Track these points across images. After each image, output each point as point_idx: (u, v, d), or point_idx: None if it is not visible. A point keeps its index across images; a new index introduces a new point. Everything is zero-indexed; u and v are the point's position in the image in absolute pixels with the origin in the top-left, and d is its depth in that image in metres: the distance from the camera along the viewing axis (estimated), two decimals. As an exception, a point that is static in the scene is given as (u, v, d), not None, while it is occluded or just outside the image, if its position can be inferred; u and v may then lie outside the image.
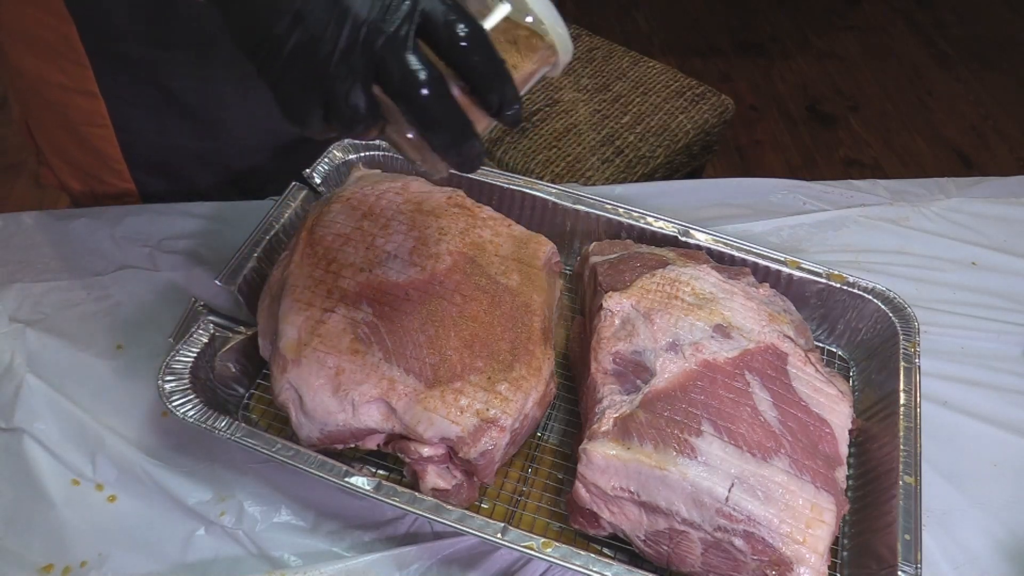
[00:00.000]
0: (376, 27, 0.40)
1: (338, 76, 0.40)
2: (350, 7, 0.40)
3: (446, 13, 0.41)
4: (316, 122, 0.42)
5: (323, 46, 0.40)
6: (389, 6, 0.40)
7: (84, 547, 0.61)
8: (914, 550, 0.58)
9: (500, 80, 0.43)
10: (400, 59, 0.40)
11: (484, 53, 0.42)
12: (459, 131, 0.42)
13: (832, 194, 0.95)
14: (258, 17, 0.41)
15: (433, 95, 0.41)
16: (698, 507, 0.57)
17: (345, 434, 0.61)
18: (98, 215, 0.83)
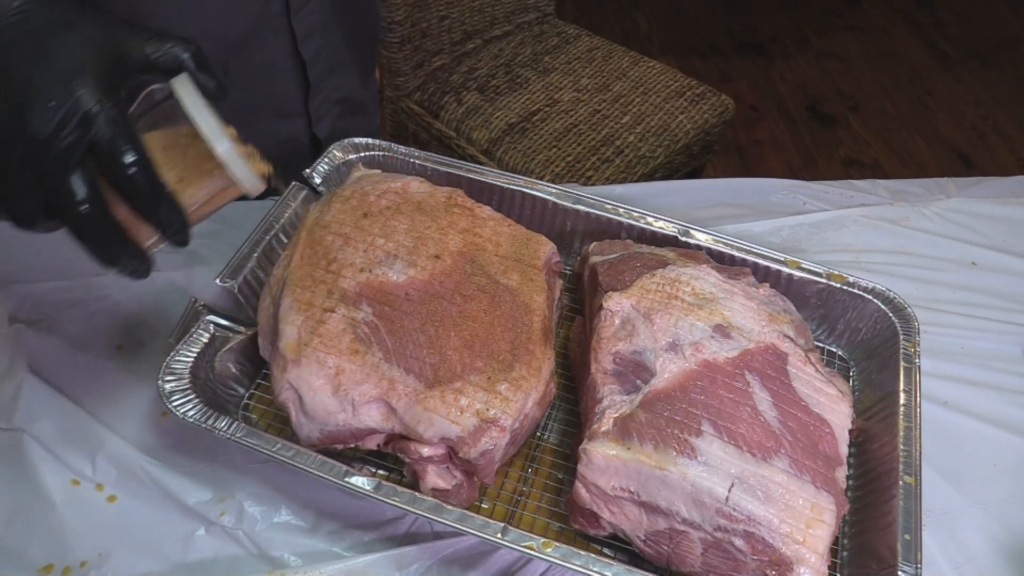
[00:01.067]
0: (45, 145, 0.43)
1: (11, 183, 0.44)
2: (28, 122, 0.43)
3: (113, 141, 0.44)
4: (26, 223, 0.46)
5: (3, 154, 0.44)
6: (63, 127, 0.44)
7: (84, 547, 0.61)
8: (914, 550, 0.58)
9: (161, 206, 0.47)
10: (60, 178, 0.44)
11: (147, 181, 0.46)
12: (109, 249, 0.46)
13: (832, 194, 0.95)
14: None
15: (88, 216, 0.45)
16: (698, 507, 0.57)
17: (345, 434, 0.61)
18: (98, 215, 0.83)
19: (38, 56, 0.45)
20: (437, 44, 1.58)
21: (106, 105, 0.44)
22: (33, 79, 0.44)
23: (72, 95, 0.44)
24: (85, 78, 0.45)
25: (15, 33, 0.45)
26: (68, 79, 0.44)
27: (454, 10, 1.57)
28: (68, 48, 0.46)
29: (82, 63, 0.45)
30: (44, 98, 0.44)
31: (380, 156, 0.81)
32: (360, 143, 0.80)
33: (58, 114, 0.44)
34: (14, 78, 0.44)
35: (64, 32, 0.46)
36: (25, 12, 0.45)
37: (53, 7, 0.46)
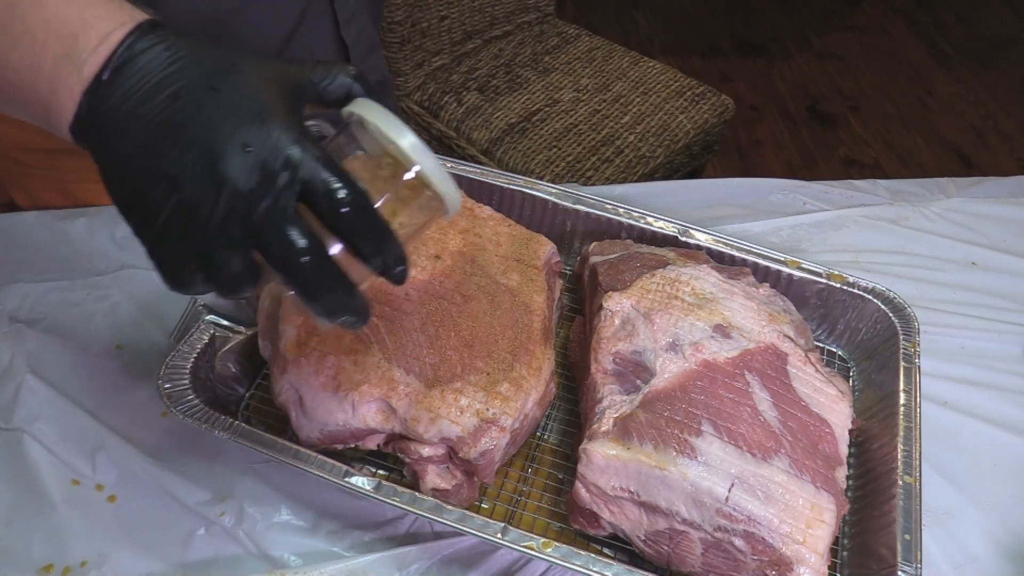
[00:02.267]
0: (254, 197, 0.38)
1: (216, 245, 0.39)
2: (227, 175, 0.38)
3: (326, 181, 0.39)
4: (197, 286, 0.41)
5: (200, 213, 0.38)
6: (268, 176, 0.38)
7: (84, 547, 0.61)
8: (914, 550, 0.58)
9: (384, 244, 0.42)
10: (278, 230, 0.39)
11: (367, 219, 0.41)
12: (338, 300, 0.41)
13: (832, 194, 0.95)
14: (133, 178, 0.39)
15: (311, 266, 0.40)
16: (698, 507, 0.57)
17: (345, 434, 0.61)
18: (98, 215, 0.83)
19: (216, 102, 0.39)
20: (437, 44, 1.58)
21: (306, 143, 0.39)
22: (219, 126, 0.38)
23: (269, 137, 0.39)
24: (275, 117, 0.39)
25: (179, 82, 0.39)
26: (260, 119, 0.39)
27: (454, 10, 1.57)
28: (245, 88, 0.40)
29: (266, 102, 0.40)
30: (238, 144, 0.38)
31: (380, 156, 0.81)
32: (360, 143, 0.80)
33: (259, 160, 0.38)
34: (194, 129, 0.38)
35: (233, 73, 0.40)
36: (180, 60, 0.40)
37: (206, 50, 0.41)
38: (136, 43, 0.40)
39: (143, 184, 0.39)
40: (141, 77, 0.39)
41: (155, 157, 0.39)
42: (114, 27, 0.40)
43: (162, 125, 0.39)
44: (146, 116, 0.39)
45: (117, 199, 0.41)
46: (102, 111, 0.39)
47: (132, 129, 0.39)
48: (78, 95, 0.40)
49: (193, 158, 0.38)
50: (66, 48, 0.40)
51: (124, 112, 0.39)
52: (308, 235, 0.39)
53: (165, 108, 0.39)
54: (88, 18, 0.40)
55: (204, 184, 0.38)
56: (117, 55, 0.39)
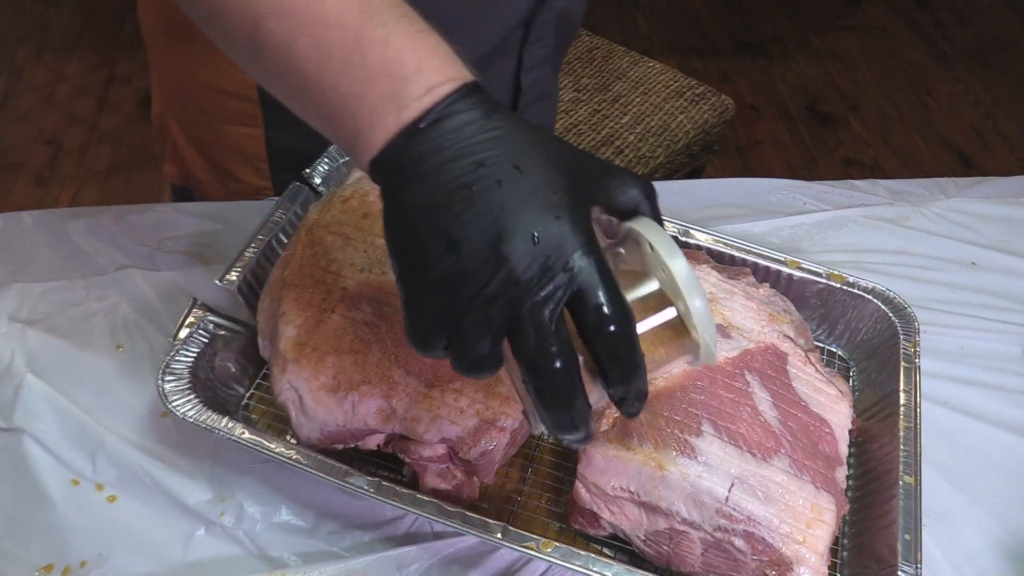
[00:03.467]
0: (528, 288, 0.38)
1: (473, 321, 0.39)
2: (508, 257, 0.38)
3: (599, 297, 0.38)
4: (438, 351, 0.41)
5: (469, 285, 0.38)
6: (546, 271, 0.38)
7: (84, 547, 0.61)
8: (914, 550, 0.58)
9: (633, 378, 0.40)
10: (540, 330, 0.38)
11: (626, 345, 0.39)
12: (572, 415, 0.40)
13: (832, 194, 0.95)
14: (416, 229, 0.40)
15: (560, 374, 0.39)
16: (698, 507, 0.57)
17: (345, 434, 0.61)
18: (98, 215, 0.83)
19: (517, 181, 0.39)
20: (437, 44, 1.58)
21: (592, 250, 0.39)
22: (514, 207, 0.38)
23: (559, 233, 0.38)
24: (570, 216, 0.39)
25: (490, 152, 0.39)
26: (555, 213, 0.38)
27: (454, 10, 1.57)
28: (548, 177, 0.39)
29: (564, 197, 0.39)
30: (528, 231, 0.38)
31: (380, 156, 0.81)
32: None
33: (544, 253, 0.38)
34: (489, 202, 0.38)
35: (540, 159, 0.40)
36: (493, 131, 0.40)
37: (519, 127, 0.41)
38: (457, 102, 0.40)
39: (424, 238, 0.39)
40: (453, 137, 0.40)
41: (444, 216, 0.39)
42: (442, 81, 0.41)
43: (459, 188, 0.39)
44: (447, 174, 0.39)
45: (394, 242, 0.41)
46: (408, 156, 0.40)
47: (429, 181, 0.39)
48: (391, 134, 0.41)
49: (480, 230, 0.38)
50: (394, 89, 0.41)
51: (428, 163, 0.40)
52: (566, 342, 0.39)
53: (467, 173, 0.39)
54: (422, 67, 0.41)
55: (483, 258, 0.38)
56: (438, 108, 0.40)
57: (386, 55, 0.41)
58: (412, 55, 0.41)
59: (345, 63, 0.41)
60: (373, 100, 0.41)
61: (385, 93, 0.41)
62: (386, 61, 0.41)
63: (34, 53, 2.43)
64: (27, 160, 2.10)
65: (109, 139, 2.19)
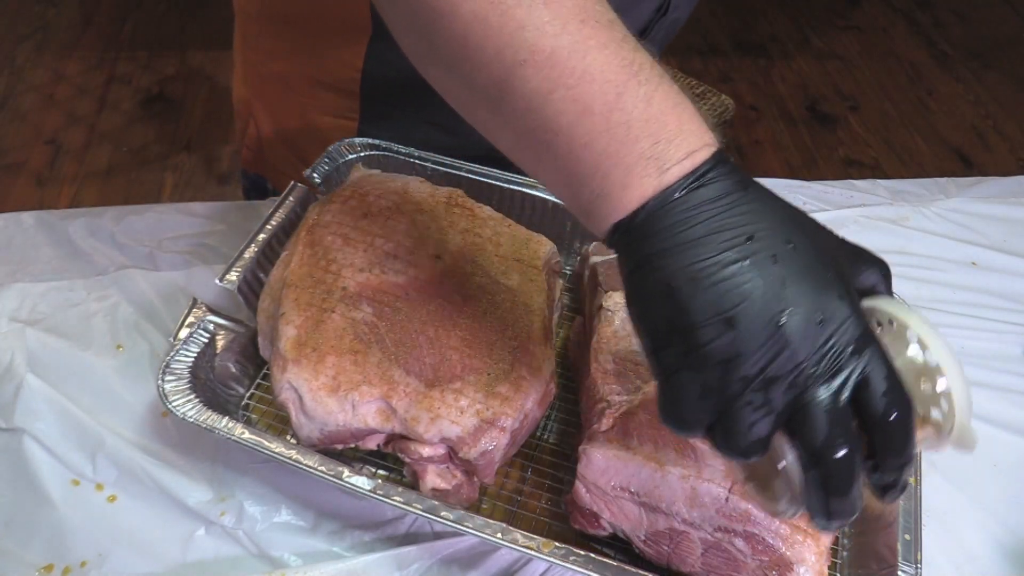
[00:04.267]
0: (813, 375, 0.36)
1: (749, 402, 0.37)
2: (791, 340, 0.36)
3: (885, 383, 0.37)
4: (698, 428, 0.39)
5: (746, 365, 0.36)
6: (835, 356, 0.36)
7: (84, 547, 0.61)
8: (914, 550, 0.58)
9: (904, 471, 0.39)
10: (826, 420, 0.36)
11: (905, 434, 0.38)
12: (846, 504, 0.38)
13: (832, 194, 0.95)
14: (681, 303, 0.37)
15: (843, 465, 0.37)
16: (698, 507, 0.57)
17: (345, 434, 0.61)
18: (98, 215, 0.83)
19: (792, 258, 0.37)
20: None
21: (873, 335, 0.37)
22: (796, 285, 0.36)
23: (844, 315, 0.36)
24: (848, 296, 0.37)
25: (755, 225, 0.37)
26: (839, 294, 0.37)
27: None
28: (819, 255, 0.38)
29: (837, 275, 0.37)
30: (811, 311, 0.36)
31: (380, 156, 0.81)
32: (360, 143, 0.80)
33: (829, 336, 0.36)
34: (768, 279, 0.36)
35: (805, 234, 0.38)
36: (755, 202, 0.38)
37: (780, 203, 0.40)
38: (713, 169, 0.39)
39: (693, 314, 0.37)
40: (715, 205, 0.38)
41: (716, 290, 0.36)
42: (699, 147, 0.39)
43: (731, 262, 0.37)
44: (712, 245, 0.37)
45: (648, 314, 0.39)
46: (662, 223, 0.38)
47: (693, 251, 0.37)
48: (646, 197, 0.39)
49: (761, 306, 0.36)
50: (655, 151, 0.39)
51: (689, 233, 0.38)
52: (851, 435, 0.37)
53: (737, 247, 0.37)
54: (683, 130, 0.39)
55: (762, 338, 0.36)
56: (696, 175, 0.38)
57: (649, 115, 0.39)
58: (674, 117, 0.40)
59: (605, 120, 0.39)
60: (631, 160, 0.39)
61: (645, 154, 0.39)
62: (648, 121, 0.39)
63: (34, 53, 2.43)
64: (27, 160, 2.10)
65: (109, 139, 2.19)
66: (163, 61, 2.44)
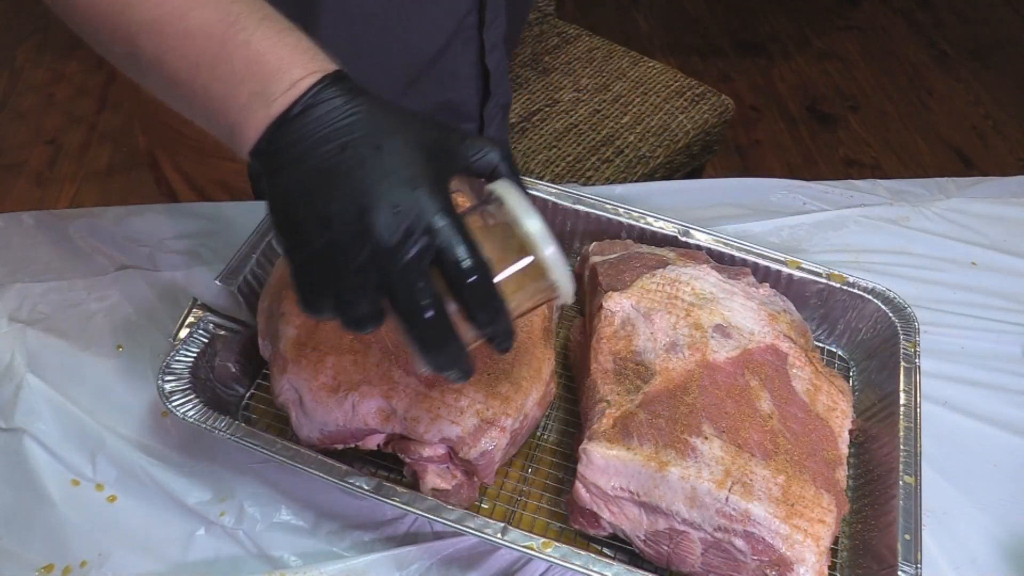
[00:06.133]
0: (393, 253, 0.42)
1: (350, 285, 0.43)
2: (373, 227, 0.42)
3: (458, 252, 0.43)
4: (326, 312, 0.45)
5: (343, 255, 0.43)
6: (409, 237, 0.42)
7: (84, 547, 0.61)
8: (914, 550, 0.58)
9: (497, 316, 0.45)
10: (409, 287, 0.43)
11: (486, 291, 0.44)
12: (448, 355, 0.45)
13: (832, 194, 0.95)
14: (293, 210, 0.44)
15: (432, 322, 0.43)
16: (698, 507, 0.57)
17: (345, 434, 0.61)
18: (98, 215, 0.83)
19: (377, 159, 0.43)
20: (437, 44, 1.58)
21: (447, 214, 0.43)
22: (375, 183, 0.43)
23: (417, 202, 0.43)
24: (426, 184, 0.43)
25: (351, 135, 0.44)
26: (412, 185, 0.43)
27: (454, 10, 1.57)
28: (404, 153, 0.44)
29: (420, 168, 0.44)
30: (389, 203, 0.42)
31: (380, 156, 0.81)
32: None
33: (404, 221, 0.42)
34: (354, 180, 0.43)
35: (397, 136, 0.45)
36: (354, 115, 0.44)
37: (379, 110, 0.45)
38: (320, 92, 0.44)
39: (300, 218, 0.44)
40: (317, 124, 0.44)
41: (314, 197, 0.43)
42: (304, 75, 0.45)
43: (326, 171, 0.43)
44: (314, 159, 0.44)
45: (276, 222, 0.46)
46: (278, 147, 0.45)
47: (299, 167, 0.44)
48: (262, 128, 0.45)
49: (347, 206, 0.42)
50: (261, 87, 0.45)
51: (296, 151, 0.44)
52: (433, 295, 0.43)
53: (332, 156, 0.43)
54: (284, 64, 0.45)
55: (352, 231, 0.42)
56: (302, 101, 0.44)
57: (249, 57, 0.45)
58: (274, 55, 0.45)
59: (213, 69, 0.46)
60: (243, 99, 0.45)
61: (253, 92, 0.45)
62: (249, 63, 0.45)
63: (34, 53, 2.43)
64: (27, 160, 2.10)
65: (109, 139, 2.19)
66: (163, 61, 2.44)
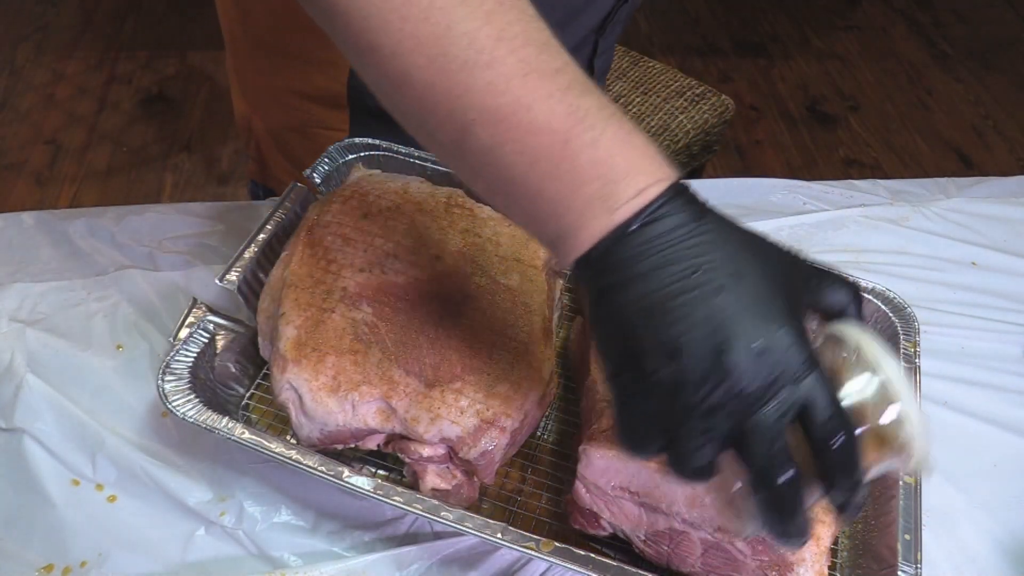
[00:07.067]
0: (754, 400, 0.38)
1: (695, 429, 0.39)
2: (731, 369, 0.38)
3: (827, 409, 0.39)
4: (649, 451, 0.42)
5: (690, 394, 0.38)
6: (775, 384, 0.38)
7: (84, 547, 0.61)
8: (914, 550, 0.58)
9: (854, 491, 0.41)
10: (770, 443, 0.38)
11: (850, 456, 0.40)
12: (795, 524, 0.40)
13: (832, 194, 0.95)
14: (632, 333, 0.40)
15: (787, 488, 0.39)
16: (698, 507, 0.57)
17: (345, 434, 0.61)
18: (98, 215, 0.83)
19: (738, 290, 0.39)
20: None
21: (816, 363, 0.39)
22: (739, 316, 0.38)
23: (784, 346, 0.38)
24: (792, 326, 0.39)
25: (704, 257, 0.39)
26: (777, 324, 0.38)
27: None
28: (767, 285, 0.40)
29: (783, 305, 0.39)
30: (749, 341, 0.38)
31: (380, 156, 0.81)
32: (360, 143, 0.80)
33: (769, 366, 0.38)
34: (711, 310, 0.38)
35: (756, 264, 0.40)
36: (706, 234, 0.40)
37: (733, 229, 0.41)
38: (667, 203, 0.40)
39: (643, 342, 0.39)
40: (666, 238, 0.40)
41: (662, 321, 0.39)
42: (651, 182, 0.40)
43: (677, 294, 0.39)
44: (662, 278, 0.39)
45: (607, 343, 0.42)
46: (618, 259, 0.40)
47: (644, 285, 0.39)
48: (600, 236, 0.40)
49: (703, 338, 0.38)
50: (605, 191, 0.40)
51: (640, 268, 0.40)
52: (791, 459, 0.39)
53: (684, 279, 0.39)
54: (632, 169, 0.41)
55: (706, 367, 0.38)
56: (648, 210, 0.40)
57: (596, 158, 0.40)
58: (622, 157, 0.41)
59: (554, 167, 0.41)
60: (582, 203, 0.41)
61: (595, 196, 0.40)
62: (596, 164, 0.40)
63: (34, 53, 2.43)
64: (27, 160, 2.10)
65: (109, 139, 2.19)
66: (163, 61, 2.44)
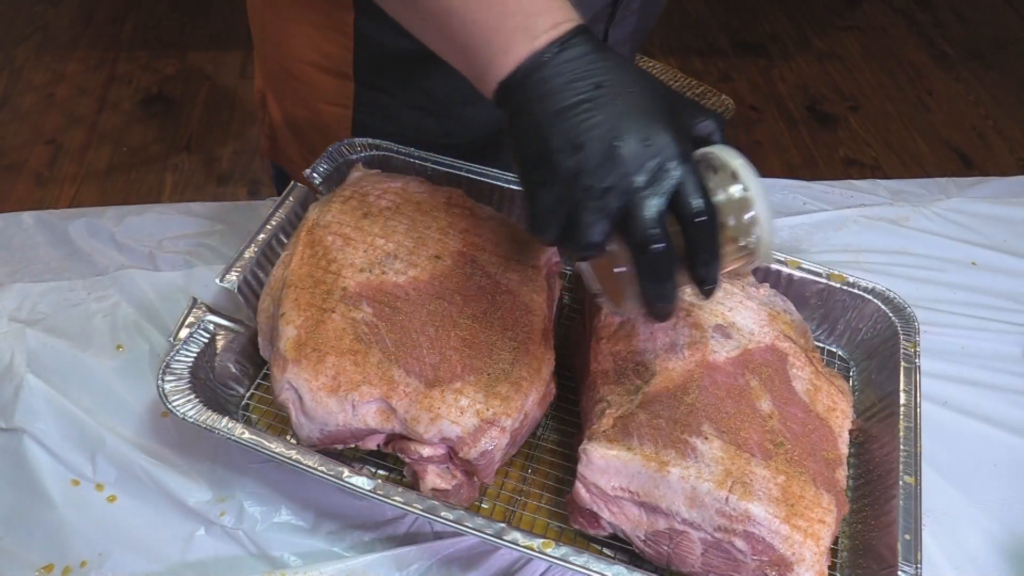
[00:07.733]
0: (639, 183, 0.46)
1: (590, 208, 0.47)
2: (624, 157, 0.46)
3: (695, 191, 0.47)
4: (552, 235, 0.50)
5: (589, 177, 0.47)
6: (656, 170, 0.47)
7: (84, 547, 0.61)
8: (914, 550, 0.58)
9: (713, 262, 0.49)
10: (649, 217, 0.47)
11: (710, 232, 0.49)
12: (667, 288, 0.49)
13: (832, 194, 0.95)
14: (544, 135, 0.48)
15: (661, 254, 0.47)
16: (698, 507, 0.57)
17: (345, 434, 0.61)
18: (98, 215, 0.83)
19: (631, 98, 0.48)
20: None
21: (690, 158, 0.48)
22: (631, 117, 0.47)
23: (667, 140, 0.47)
24: (672, 127, 0.48)
25: (604, 76, 0.48)
26: (663, 125, 0.47)
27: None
28: (655, 96, 0.49)
29: (666, 113, 0.49)
30: (642, 136, 0.47)
31: (380, 156, 0.81)
32: (360, 143, 0.80)
33: (654, 154, 0.47)
34: (608, 112, 0.47)
35: (646, 83, 0.50)
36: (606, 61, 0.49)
37: (626, 61, 0.51)
38: (576, 37, 0.50)
39: (552, 141, 0.48)
40: (574, 64, 0.49)
41: (569, 124, 0.48)
42: (564, 20, 0.50)
43: (582, 102, 0.48)
44: (570, 91, 0.48)
45: (522, 148, 0.50)
46: (536, 78, 0.49)
47: (555, 98, 0.48)
48: (522, 58, 0.49)
49: (601, 134, 0.47)
50: (526, 23, 0.50)
51: (553, 85, 0.49)
52: (665, 228, 0.47)
53: (588, 91, 0.48)
54: (549, 7, 0.50)
55: (602, 157, 0.47)
56: (562, 39, 0.49)
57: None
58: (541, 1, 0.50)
59: (487, 1, 0.50)
60: (508, 31, 0.50)
61: (519, 26, 0.50)
62: (520, 1, 0.50)
63: (34, 53, 2.43)
64: (27, 160, 2.10)
65: (109, 139, 2.19)
66: (163, 61, 2.44)
